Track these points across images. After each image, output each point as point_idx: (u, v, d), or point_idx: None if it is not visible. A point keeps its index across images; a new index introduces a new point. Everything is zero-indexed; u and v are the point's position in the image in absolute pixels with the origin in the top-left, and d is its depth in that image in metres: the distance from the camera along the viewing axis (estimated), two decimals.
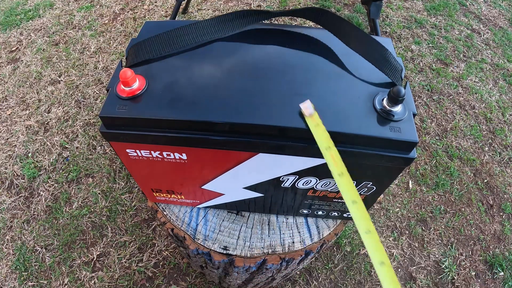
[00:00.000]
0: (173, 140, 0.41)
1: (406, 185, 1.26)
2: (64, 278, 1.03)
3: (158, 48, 0.44)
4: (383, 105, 0.39)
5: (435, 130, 1.41)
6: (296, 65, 0.44)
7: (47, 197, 1.19)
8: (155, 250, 1.08)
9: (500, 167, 1.32)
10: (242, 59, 0.45)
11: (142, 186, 0.56)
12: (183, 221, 0.62)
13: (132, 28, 1.69)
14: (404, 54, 1.64)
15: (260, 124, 0.38)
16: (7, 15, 1.77)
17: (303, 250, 0.60)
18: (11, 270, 1.05)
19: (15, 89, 1.47)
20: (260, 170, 0.46)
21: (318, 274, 1.07)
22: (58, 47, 1.62)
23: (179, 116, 0.39)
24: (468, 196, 1.25)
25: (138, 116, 0.39)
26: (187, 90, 0.41)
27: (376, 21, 1.47)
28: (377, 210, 1.20)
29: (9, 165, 1.26)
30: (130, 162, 0.47)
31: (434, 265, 1.10)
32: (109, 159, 1.27)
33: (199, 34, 0.46)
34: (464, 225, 1.19)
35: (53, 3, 1.83)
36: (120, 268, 1.05)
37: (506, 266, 1.10)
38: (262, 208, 0.61)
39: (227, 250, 0.59)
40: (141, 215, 1.15)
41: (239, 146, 0.41)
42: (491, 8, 1.91)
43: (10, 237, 1.11)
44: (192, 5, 1.78)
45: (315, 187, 0.49)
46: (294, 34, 0.50)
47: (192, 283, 1.03)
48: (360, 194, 0.50)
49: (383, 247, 0.28)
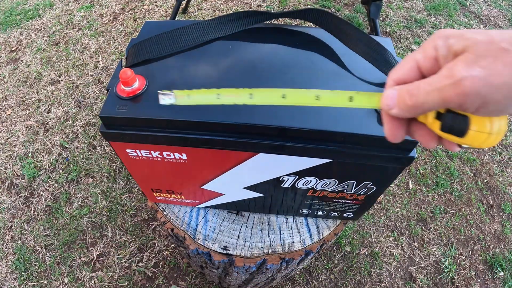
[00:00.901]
0: (173, 140, 0.41)
1: (406, 185, 1.26)
2: (64, 278, 1.03)
3: (158, 48, 0.44)
4: None
5: None
6: (296, 65, 0.44)
7: (47, 197, 1.19)
8: (155, 250, 1.08)
9: (500, 167, 1.32)
10: (242, 59, 0.45)
11: (142, 186, 0.56)
12: (183, 221, 0.62)
13: (132, 28, 1.69)
14: (404, 54, 1.64)
15: (260, 124, 0.38)
16: (7, 15, 1.77)
17: (303, 250, 0.60)
18: (11, 270, 1.05)
19: (15, 89, 1.47)
20: (260, 170, 0.46)
21: (318, 274, 1.07)
22: (58, 47, 1.62)
23: (179, 116, 0.39)
24: (468, 196, 1.25)
25: (138, 116, 0.39)
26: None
27: (376, 21, 1.47)
28: (377, 210, 1.20)
29: (9, 165, 1.26)
30: (130, 162, 0.47)
31: (434, 265, 1.10)
32: (109, 159, 1.27)
33: (199, 35, 0.46)
34: (464, 225, 1.19)
35: (53, 3, 1.83)
36: (120, 268, 1.05)
37: (506, 266, 1.10)
38: (262, 208, 0.61)
39: (227, 250, 0.59)
40: (141, 215, 1.15)
41: (239, 146, 0.41)
42: (491, 8, 1.91)
43: (10, 237, 1.11)
44: (192, 5, 1.78)
45: (315, 187, 0.49)
46: (294, 33, 0.50)
47: (192, 283, 1.03)
48: (360, 194, 0.50)
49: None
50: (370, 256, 1.11)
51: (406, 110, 0.23)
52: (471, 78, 0.19)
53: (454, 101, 0.20)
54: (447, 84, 0.20)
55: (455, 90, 0.20)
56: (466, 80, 0.19)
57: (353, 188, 0.48)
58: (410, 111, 0.23)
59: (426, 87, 0.21)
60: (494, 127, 0.21)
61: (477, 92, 0.19)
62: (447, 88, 0.20)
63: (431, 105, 0.21)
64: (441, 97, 0.20)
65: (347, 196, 0.51)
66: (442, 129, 0.23)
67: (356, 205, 0.54)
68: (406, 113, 0.23)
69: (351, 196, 0.51)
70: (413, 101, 0.22)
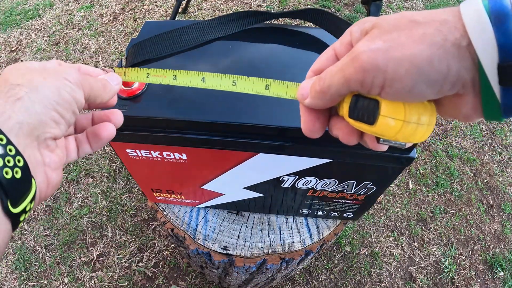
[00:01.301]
0: (173, 140, 0.41)
1: (406, 185, 1.26)
2: (64, 278, 1.03)
3: (158, 48, 0.44)
4: None
5: (435, 130, 1.41)
6: (296, 65, 0.44)
7: None
8: (155, 250, 1.08)
9: (500, 167, 1.32)
10: (242, 58, 0.45)
11: (142, 186, 0.56)
12: (183, 221, 0.62)
13: (132, 28, 1.69)
14: None
15: (260, 124, 0.38)
16: (7, 15, 1.77)
17: (303, 250, 0.60)
18: (11, 270, 1.05)
19: None
20: (260, 170, 0.46)
21: (318, 274, 1.07)
22: (58, 47, 1.62)
23: (179, 116, 0.39)
24: (468, 196, 1.25)
25: (138, 116, 0.39)
26: (187, 90, 0.41)
27: None
28: (377, 210, 1.20)
29: None
30: (130, 162, 0.47)
31: (434, 265, 1.10)
32: (109, 159, 1.27)
33: (199, 35, 0.46)
34: (464, 225, 1.19)
35: (53, 3, 1.83)
36: (120, 268, 1.05)
37: (506, 266, 1.10)
38: (262, 208, 0.61)
39: (227, 250, 0.59)
40: (141, 215, 1.15)
41: (239, 146, 0.41)
42: None
43: (10, 237, 1.11)
44: (192, 5, 1.78)
45: (315, 187, 0.49)
46: (294, 33, 0.50)
47: (192, 283, 1.03)
48: (360, 194, 0.50)
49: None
50: (370, 256, 1.11)
51: (317, 97, 0.22)
52: (369, 51, 0.18)
53: (354, 78, 0.18)
54: (347, 61, 0.19)
55: (353, 65, 0.18)
56: (364, 54, 0.18)
57: (353, 188, 0.48)
58: (320, 97, 0.21)
59: (333, 69, 0.20)
60: (410, 114, 0.19)
61: (376, 66, 0.17)
62: (347, 65, 0.19)
63: (336, 88, 0.20)
64: (343, 75, 0.19)
65: (347, 196, 0.51)
66: (350, 115, 0.21)
67: (356, 205, 0.54)
68: (318, 101, 0.22)
69: (351, 196, 0.51)
70: (321, 86, 0.21)
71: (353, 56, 0.18)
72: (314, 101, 0.22)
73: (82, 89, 0.23)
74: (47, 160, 0.21)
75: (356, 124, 0.21)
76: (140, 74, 0.32)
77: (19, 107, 0.19)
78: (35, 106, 0.20)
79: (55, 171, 0.22)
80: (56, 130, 0.21)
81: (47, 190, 0.22)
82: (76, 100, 0.22)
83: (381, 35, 0.18)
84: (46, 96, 0.20)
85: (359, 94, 0.20)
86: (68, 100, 0.22)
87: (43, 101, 0.20)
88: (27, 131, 0.19)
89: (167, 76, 0.31)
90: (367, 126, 0.20)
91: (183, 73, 0.31)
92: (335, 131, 0.24)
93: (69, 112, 0.22)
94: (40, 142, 0.20)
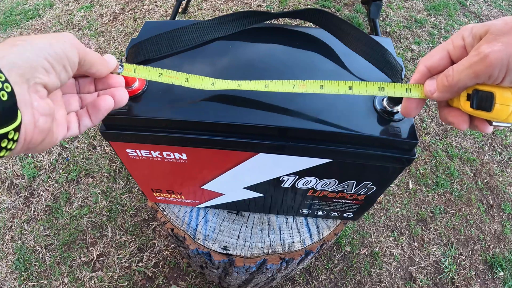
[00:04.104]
0: (173, 140, 0.41)
1: (406, 185, 1.26)
2: (64, 278, 1.03)
3: (158, 48, 0.44)
4: (383, 105, 0.39)
5: (435, 130, 1.41)
6: (296, 65, 0.44)
7: (47, 197, 1.19)
8: (155, 250, 1.08)
9: (500, 167, 1.32)
10: (242, 59, 0.45)
11: (142, 186, 0.56)
12: (183, 221, 0.62)
13: (132, 28, 1.69)
14: (404, 54, 1.64)
15: (260, 124, 0.38)
16: (7, 15, 1.77)
17: (303, 250, 0.60)
18: (11, 270, 1.05)
19: None
20: (260, 170, 0.46)
21: (318, 274, 1.07)
22: None
23: (179, 116, 0.39)
24: (468, 196, 1.25)
25: (138, 116, 0.39)
26: (187, 90, 0.41)
27: (376, 21, 1.47)
28: (377, 210, 1.20)
29: (9, 165, 1.26)
30: (130, 162, 0.47)
31: (434, 265, 1.10)
32: (109, 159, 1.27)
33: (199, 35, 0.46)
34: (464, 225, 1.19)
35: (53, 3, 1.83)
36: (120, 268, 1.05)
37: (506, 266, 1.10)
38: (262, 208, 0.61)
39: (227, 250, 0.59)
40: (141, 215, 1.15)
41: (239, 146, 0.41)
42: (491, 8, 1.91)
43: (10, 237, 1.11)
44: (192, 5, 1.78)
45: (315, 187, 0.49)
46: (294, 33, 0.50)
47: (192, 283, 1.03)
48: (360, 194, 0.50)
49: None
50: (370, 256, 1.11)
51: (445, 90, 0.27)
52: (494, 52, 0.23)
53: (484, 73, 0.24)
54: (476, 60, 0.24)
55: (483, 63, 0.24)
56: (491, 54, 0.23)
57: (353, 188, 0.48)
58: (448, 91, 0.27)
59: (459, 67, 0.26)
60: None
61: (501, 62, 0.23)
62: (476, 64, 0.24)
63: (465, 82, 0.26)
64: (473, 72, 0.25)
65: (347, 196, 0.51)
66: (472, 106, 0.27)
67: (356, 205, 0.54)
68: (446, 94, 0.28)
69: (351, 196, 0.51)
70: (449, 81, 0.27)
71: (481, 57, 0.24)
72: (442, 94, 0.28)
73: (76, 50, 0.25)
74: (35, 103, 0.23)
75: (476, 112, 0.27)
76: (152, 72, 0.35)
77: (14, 51, 0.22)
78: (27, 53, 0.22)
79: (43, 116, 0.23)
80: (45, 78, 0.23)
81: (34, 133, 0.23)
82: (68, 57, 0.25)
83: (497, 39, 0.24)
84: (39, 47, 0.23)
85: (477, 89, 0.26)
86: (59, 54, 0.24)
87: (35, 51, 0.23)
88: (19, 73, 0.21)
89: (179, 77, 0.35)
90: (485, 113, 0.26)
91: (195, 78, 0.34)
92: (450, 118, 0.30)
93: (60, 65, 0.24)
94: (30, 86, 0.22)
